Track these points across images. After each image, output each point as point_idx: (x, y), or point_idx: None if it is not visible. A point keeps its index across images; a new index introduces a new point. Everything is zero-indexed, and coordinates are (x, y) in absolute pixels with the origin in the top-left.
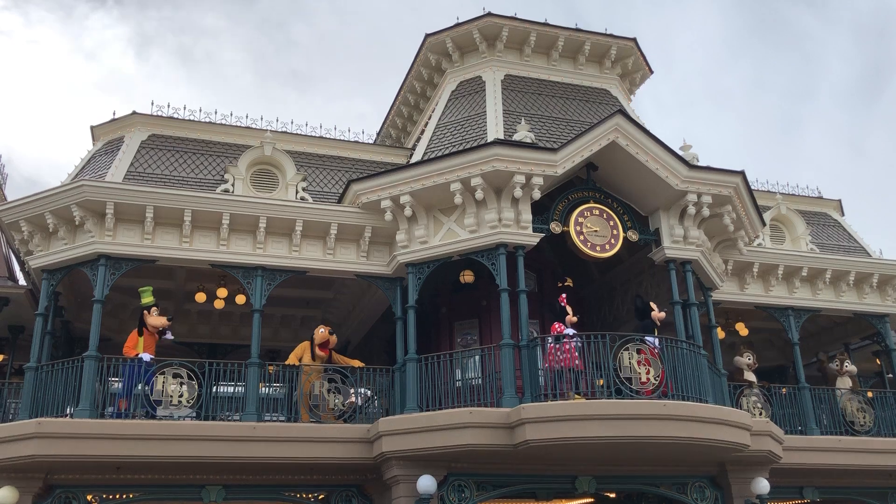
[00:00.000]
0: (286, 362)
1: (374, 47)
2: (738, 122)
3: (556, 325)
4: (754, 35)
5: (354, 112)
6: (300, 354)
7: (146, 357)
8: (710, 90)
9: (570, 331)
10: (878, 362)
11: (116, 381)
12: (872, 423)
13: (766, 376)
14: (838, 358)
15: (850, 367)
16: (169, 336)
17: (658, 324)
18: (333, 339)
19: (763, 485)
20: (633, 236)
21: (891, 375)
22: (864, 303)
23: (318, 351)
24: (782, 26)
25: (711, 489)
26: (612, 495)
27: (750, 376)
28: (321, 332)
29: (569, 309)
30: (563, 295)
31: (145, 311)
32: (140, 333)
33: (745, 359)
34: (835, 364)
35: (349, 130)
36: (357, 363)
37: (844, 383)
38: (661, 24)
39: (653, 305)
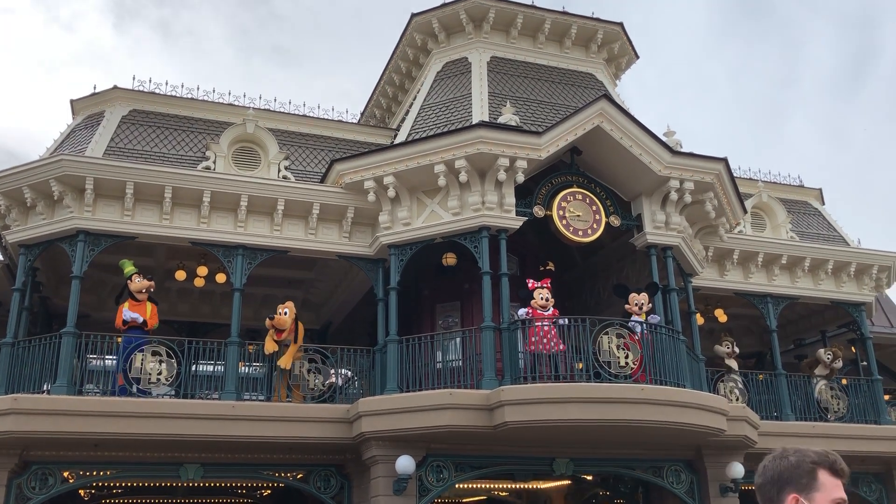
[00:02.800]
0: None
1: (358, 24)
2: (721, 108)
3: (529, 310)
4: (739, 21)
5: (338, 89)
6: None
7: (127, 315)
8: (695, 76)
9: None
10: (854, 350)
11: (95, 357)
12: (846, 409)
13: (743, 363)
14: (833, 351)
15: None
16: (128, 316)
17: (632, 313)
18: (279, 318)
19: (738, 469)
20: (616, 221)
21: (865, 363)
22: (841, 291)
23: (276, 337)
24: (767, 13)
25: (687, 473)
26: (590, 477)
27: (731, 363)
28: (267, 321)
29: (537, 294)
30: (529, 280)
31: (129, 281)
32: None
33: (725, 347)
34: (828, 355)
35: (333, 109)
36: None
37: (821, 372)
38: (647, 8)
39: (631, 300)
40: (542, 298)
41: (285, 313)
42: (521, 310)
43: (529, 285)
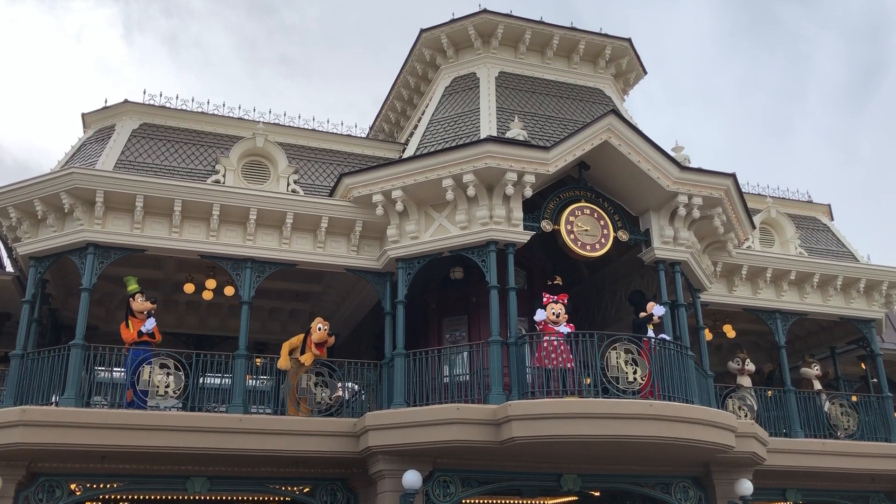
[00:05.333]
0: (280, 358)
1: (366, 35)
2: (728, 121)
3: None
4: (746, 34)
5: (346, 101)
6: (294, 345)
7: (150, 324)
8: (701, 88)
9: (564, 329)
10: (864, 366)
11: (103, 370)
12: (856, 427)
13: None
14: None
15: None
16: (150, 325)
17: (650, 324)
18: (331, 340)
19: (746, 486)
20: (624, 236)
21: (875, 380)
22: (850, 307)
23: (314, 350)
24: (774, 26)
25: (695, 489)
26: (597, 494)
27: (743, 380)
28: (320, 331)
29: (549, 310)
30: (546, 294)
31: (131, 299)
32: (128, 325)
33: (735, 363)
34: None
35: (342, 124)
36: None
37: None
38: (653, 20)
39: (649, 307)
40: (553, 314)
41: (320, 328)
42: (540, 313)
43: (544, 300)
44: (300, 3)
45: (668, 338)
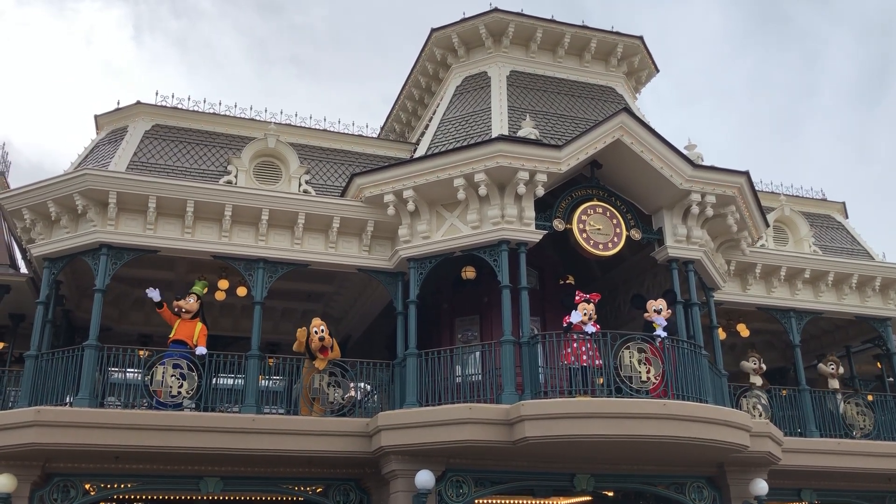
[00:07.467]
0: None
1: (375, 35)
2: (739, 119)
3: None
4: (757, 31)
5: (356, 100)
6: (302, 341)
7: (201, 350)
8: (712, 86)
9: (591, 328)
10: (879, 365)
11: (116, 370)
12: (872, 426)
13: (766, 378)
14: (833, 360)
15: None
16: (154, 294)
17: (654, 324)
18: (328, 340)
19: (761, 486)
20: (636, 235)
21: (891, 379)
22: (866, 306)
23: (318, 355)
24: (785, 23)
25: (710, 489)
26: (610, 494)
27: (756, 379)
28: (316, 338)
29: (581, 309)
30: (579, 291)
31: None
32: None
33: (751, 363)
34: (830, 367)
35: (353, 124)
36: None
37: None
38: (663, 18)
39: (649, 306)
40: (585, 315)
41: (315, 332)
42: (575, 315)
43: (577, 299)
44: (308, 3)
45: (663, 322)
